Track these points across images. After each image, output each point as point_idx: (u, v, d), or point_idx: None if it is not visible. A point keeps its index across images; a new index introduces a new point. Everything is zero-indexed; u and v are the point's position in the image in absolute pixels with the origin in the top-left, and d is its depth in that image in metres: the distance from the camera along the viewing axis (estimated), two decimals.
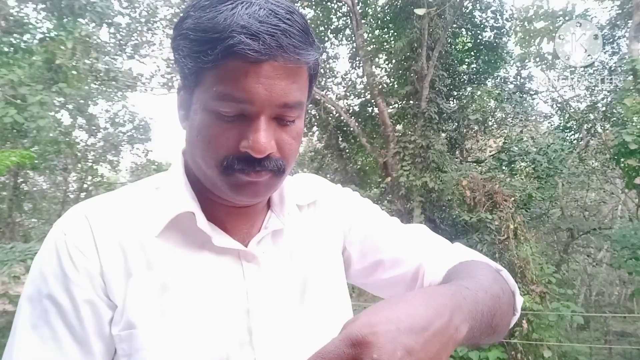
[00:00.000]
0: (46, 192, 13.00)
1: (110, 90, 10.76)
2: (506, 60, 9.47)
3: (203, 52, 0.54)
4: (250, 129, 0.57)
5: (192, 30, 0.56)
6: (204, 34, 0.54)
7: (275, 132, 0.59)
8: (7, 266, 6.20)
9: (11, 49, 8.13)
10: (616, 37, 9.66)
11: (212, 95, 0.56)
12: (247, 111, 0.56)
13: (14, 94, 7.08)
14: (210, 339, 0.59)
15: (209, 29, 0.54)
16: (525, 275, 6.02)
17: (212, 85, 0.56)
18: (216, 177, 0.60)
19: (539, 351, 5.61)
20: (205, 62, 0.55)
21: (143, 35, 10.54)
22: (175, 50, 0.59)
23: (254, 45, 0.53)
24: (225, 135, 0.57)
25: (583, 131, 9.23)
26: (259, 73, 0.55)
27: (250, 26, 0.53)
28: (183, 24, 0.58)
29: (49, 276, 0.59)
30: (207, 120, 0.58)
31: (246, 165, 0.58)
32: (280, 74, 0.56)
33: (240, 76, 0.54)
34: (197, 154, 0.61)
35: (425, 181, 6.94)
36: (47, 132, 7.81)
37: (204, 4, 0.57)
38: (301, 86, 0.59)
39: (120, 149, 12.91)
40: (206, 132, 0.58)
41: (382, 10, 8.85)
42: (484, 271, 0.65)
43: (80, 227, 0.61)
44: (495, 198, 6.58)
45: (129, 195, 0.67)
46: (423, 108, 7.52)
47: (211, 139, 0.58)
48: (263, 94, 0.55)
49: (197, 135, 0.59)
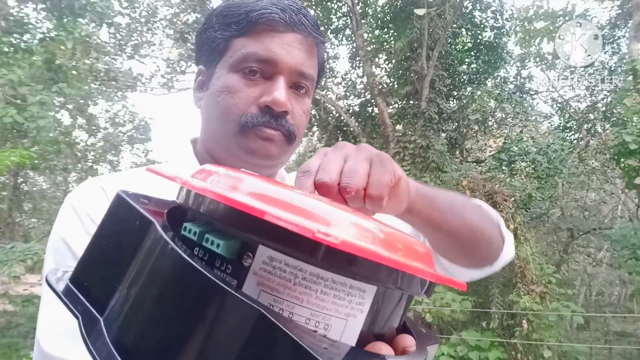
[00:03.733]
0: (46, 192, 13.00)
1: (110, 90, 10.77)
2: (506, 60, 9.46)
3: (235, 22, 0.64)
4: (272, 87, 0.64)
5: (225, 8, 0.66)
6: (238, 8, 0.65)
7: (290, 98, 0.66)
8: (7, 266, 6.21)
9: (11, 49, 8.13)
10: (616, 37, 9.65)
11: (239, 57, 0.64)
12: (269, 72, 0.64)
13: (14, 94, 7.08)
14: None
15: (243, 4, 0.65)
16: (525, 275, 6.01)
17: (240, 48, 0.64)
18: (233, 136, 0.65)
19: (539, 351, 5.61)
20: (237, 30, 0.64)
21: (143, 35, 10.54)
22: (205, 31, 0.68)
23: (283, 16, 0.63)
24: (247, 92, 0.64)
25: (583, 131, 9.23)
26: (283, 40, 0.64)
27: (278, 3, 0.64)
28: (216, 8, 0.68)
29: (71, 238, 0.60)
30: (231, 80, 0.65)
31: (264, 121, 0.64)
32: (300, 46, 0.65)
33: (267, 40, 0.64)
34: (215, 116, 0.66)
35: (425, 181, 6.94)
36: (47, 132, 7.81)
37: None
38: (314, 64, 0.69)
39: (120, 149, 12.92)
40: (229, 90, 0.65)
41: (382, 10, 8.85)
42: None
43: (96, 194, 0.64)
44: (495, 198, 6.57)
45: (140, 172, 0.71)
46: (423, 108, 7.52)
47: (233, 96, 0.64)
48: (285, 58, 0.64)
49: (219, 96, 0.65)
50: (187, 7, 9.68)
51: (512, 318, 5.91)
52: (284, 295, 0.27)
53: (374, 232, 0.28)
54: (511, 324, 5.96)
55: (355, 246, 0.25)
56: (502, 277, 6.37)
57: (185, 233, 0.30)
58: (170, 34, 10.13)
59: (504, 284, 6.33)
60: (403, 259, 0.27)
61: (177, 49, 10.02)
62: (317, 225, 0.25)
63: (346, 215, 0.29)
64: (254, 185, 0.30)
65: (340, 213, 0.28)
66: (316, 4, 8.96)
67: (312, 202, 0.29)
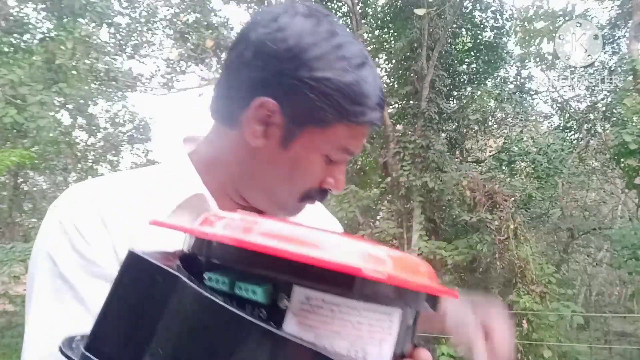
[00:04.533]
0: (46, 192, 12.99)
1: (110, 90, 10.77)
2: (506, 60, 9.46)
3: (353, 112, 0.62)
4: (337, 171, 0.67)
5: (347, 86, 0.61)
6: (355, 96, 0.61)
7: None
8: (7, 266, 6.21)
9: (11, 49, 8.14)
10: (616, 37, 9.65)
11: (336, 145, 0.64)
12: (343, 159, 0.67)
13: (14, 94, 7.08)
14: None
15: (359, 93, 0.61)
16: (525, 275, 6.02)
17: (341, 137, 0.63)
18: (287, 203, 0.68)
19: (539, 351, 5.61)
20: (346, 119, 0.62)
21: (143, 35, 10.54)
22: (313, 90, 0.61)
23: (380, 119, 0.65)
24: (320, 173, 0.66)
25: (583, 131, 9.23)
26: (365, 135, 0.67)
27: (380, 101, 0.64)
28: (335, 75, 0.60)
29: (58, 256, 0.58)
30: (314, 161, 0.64)
31: (319, 197, 0.69)
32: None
33: (359, 136, 0.65)
34: (280, 183, 0.66)
35: (425, 181, 6.94)
36: (47, 132, 7.81)
37: (349, 54, 0.61)
38: None
39: (120, 149, 12.91)
40: (308, 170, 0.65)
41: (382, 10, 8.85)
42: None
43: (85, 205, 0.61)
44: (495, 198, 6.58)
45: (132, 176, 0.68)
46: (423, 108, 7.52)
47: (309, 176, 0.65)
48: (359, 150, 0.68)
49: (297, 171, 0.65)
50: (187, 7, 9.68)
51: (512, 318, 5.92)
52: (324, 330, 0.28)
53: (404, 261, 0.31)
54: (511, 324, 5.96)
55: (399, 279, 0.28)
56: (502, 277, 6.38)
57: (211, 284, 0.30)
58: (170, 34, 10.13)
59: (504, 284, 6.34)
60: (429, 283, 0.30)
61: (177, 49, 10.03)
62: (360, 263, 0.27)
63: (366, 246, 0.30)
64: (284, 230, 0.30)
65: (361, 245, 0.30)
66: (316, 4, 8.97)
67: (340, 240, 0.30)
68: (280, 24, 0.61)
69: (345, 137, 0.63)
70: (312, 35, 0.61)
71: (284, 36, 0.60)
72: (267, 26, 0.61)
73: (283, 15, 0.62)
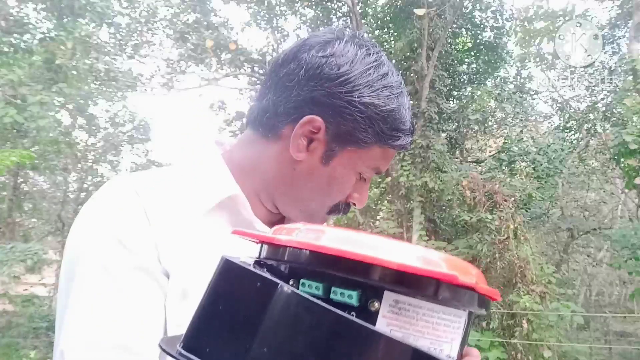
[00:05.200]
0: (46, 192, 12.99)
1: (110, 90, 10.76)
2: (506, 60, 9.47)
3: (390, 136, 0.68)
4: (363, 187, 0.73)
5: (390, 112, 0.67)
6: (398, 122, 0.68)
7: None
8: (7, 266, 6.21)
9: (11, 49, 8.14)
10: (616, 37, 9.66)
11: (370, 165, 0.70)
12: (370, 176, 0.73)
13: (14, 94, 7.09)
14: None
15: (397, 120, 0.68)
16: (525, 275, 6.02)
17: (375, 158, 0.70)
18: (315, 214, 0.73)
19: (539, 351, 5.62)
20: (383, 143, 0.68)
21: (143, 35, 10.54)
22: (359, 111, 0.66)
23: (410, 143, 0.72)
24: (350, 189, 0.71)
25: (583, 131, 9.23)
26: (393, 156, 0.74)
27: (412, 125, 0.71)
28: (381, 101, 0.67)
29: (100, 247, 0.59)
30: (349, 178, 0.70)
31: (344, 210, 0.73)
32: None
33: (389, 158, 0.72)
34: (315, 195, 0.71)
35: (425, 181, 6.94)
36: (47, 132, 7.82)
37: (390, 86, 0.68)
38: None
39: (120, 149, 12.92)
40: (342, 186, 0.70)
41: (382, 10, 8.85)
42: None
43: (129, 198, 0.62)
44: (495, 198, 6.58)
45: (171, 173, 0.70)
46: (423, 108, 7.52)
47: (341, 191, 0.71)
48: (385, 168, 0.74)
49: (332, 186, 0.70)
50: (187, 7, 9.68)
51: (512, 318, 5.92)
52: (410, 330, 0.32)
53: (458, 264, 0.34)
54: (511, 324, 5.96)
55: (483, 288, 0.32)
56: (502, 277, 6.38)
57: (304, 289, 0.33)
58: (170, 34, 10.14)
59: (504, 284, 6.33)
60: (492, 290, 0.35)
61: (177, 49, 10.03)
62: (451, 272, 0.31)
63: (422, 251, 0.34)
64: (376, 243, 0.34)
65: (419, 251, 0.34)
66: (316, 4, 8.97)
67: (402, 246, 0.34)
68: (334, 50, 0.66)
69: (379, 158, 0.70)
70: (362, 64, 0.67)
71: (337, 62, 0.66)
72: (320, 50, 0.66)
73: (336, 42, 0.67)
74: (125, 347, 0.56)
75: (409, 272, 0.30)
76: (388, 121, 0.67)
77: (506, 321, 6.04)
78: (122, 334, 0.56)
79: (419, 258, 0.32)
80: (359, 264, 0.31)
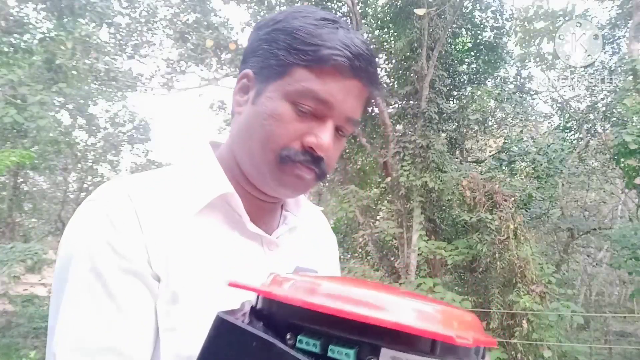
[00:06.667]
0: (46, 192, 13.00)
1: (110, 90, 10.77)
2: (506, 60, 9.46)
3: (303, 51, 0.62)
4: (320, 128, 0.64)
5: (296, 30, 0.64)
6: (310, 37, 0.63)
7: (332, 141, 0.66)
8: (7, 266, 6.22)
9: (11, 49, 8.14)
10: (616, 37, 9.66)
11: (297, 88, 0.63)
12: (321, 112, 0.64)
13: (14, 94, 7.09)
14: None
15: (315, 35, 0.63)
16: (525, 275, 6.02)
17: (300, 80, 0.63)
18: (268, 164, 0.65)
19: (539, 351, 5.61)
20: (303, 60, 0.62)
21: (143, 35, 10.54)
22: (267, 42, 0.66)
23: (351, 62, 0.62)
24: (294, 126, 0.64)
25: (583, 131, 9.23)
26: (344, 85, 0.64)
27: (351, 47, 0.63)
28: (286, 23, 0.65)
29: (92, 250, 0.59)
30: (281, 109, 0.64)
31: (304, 160, 0.64)
32: (357, 93, 0.66)
33: (329, 82, 0.63)
34: (255, 138, 0.66)
35: (425, 181, 6.93)
36: (47, 132, 7.82)
37: (308, 15, 0.65)
38: (362, 109, 0.69)
39: (120, 149, 12.92)
40: (277, 118, 0.64)
41: (382, 10, 8.84)
42: None
43: (121, 202, 0.62)
44: (495, 198, 6.57)
45: (164, 175, 0.69)
46: (423, 108, 7.51)
47: (279, 126, 0.64)
48: (340, 103, 0.64)
49: (265, 120, 0.64)
50: (187, 7, 9.68)
51: (512, 318, 5.92)
52: None
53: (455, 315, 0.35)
54: (511, 324, 5.96)
55: (480, 340, 0.33)
56: (502, 277, 6.37)
57: (301, 345, 0.33)
58: (170, 34, 10.13)
59: (504, 284, 6.33)
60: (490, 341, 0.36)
61: (177, 49, 10.03)
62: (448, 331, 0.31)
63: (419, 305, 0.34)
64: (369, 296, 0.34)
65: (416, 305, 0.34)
66: (316, 4, 8.97)
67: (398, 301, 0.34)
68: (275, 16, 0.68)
69: (307, 79, 0.63)
70: (296, 16, 0.66)
71: (269, 18, 0.68)
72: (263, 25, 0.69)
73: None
74: (115, 349, 0.57)
75: (410, 333, 0.30)
76: (297, 37, 0.63)
77: (506, 321, 6.03)
78: (112, 337, 0.57)
79: (414, 313, 0.32)
80: (355, 323, 0.31)
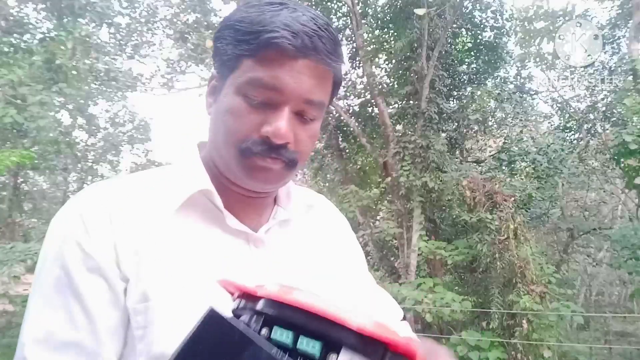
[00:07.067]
0: (46, 192, 13.00)
1: (110, 90, 10.77)
2: (506, 60, 9.45)
3: (245, 41, 0.61)
4: (273, 116, 0.62)
5: (238, 22, 0.63)
6: (250, 25, 0.61)
7: (294, 126, 0.64)
8: (7, 266, 6.21)
9: (11, 49, 8.14)
10: (616, 37, 9.65)
11: (245, 80, 0.62)
12: (273, 100, 0.62)
13: (14, 94, 7.08)
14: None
15: (255, 22, 0.61)
16: (525, 275, 6.02)
17: (247, 71, 0.62)
18: (233, 159, 0.65)
19: (539, 351, 5.62)
20: (246, 50, 0.61)
21: (143, 35, 10.54)
22: (218, 39, 0.66)
23: (293, 41, 0.60)
24: (249, 118, 0.63)
25: (583, 131, 9.22)
26: (292, 67, 0.61)
27: (292, 25, 0.60)
28: (231, 17, 0.65)
29: (62, 247, 0.61)
30: (234, 103, 0.63)
31: (264, 150, 0.63)
32: (310, 73, 0.62)
33: (274, 66, 0.61)
34: (219, 135, 0.66)
35: (425, 181, 6.93)
36: (47, 132, 7.82)
37: (253, 4, 0.64)
38: (325, 89, 0.66)
39: (120, 149, 12.93)
40: (232, 113, 0.63)
41: (382, 10, 8.84)
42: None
43: (96, 203, 0.63)
44: (495, 198, 6.58)
45: (145, 176, 0.70)
46: (423, 108, 7.51)
47: (235, 120, 0.63)
48: (292, 86, 0.61)
49: (223, 116, 0.64)
50: (187, 7, 9.67)
51: (512, 318, 5.92)
52: None
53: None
54: (511, 324, 5.96)
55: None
56: (502, 277, 6.37)
57: (277, 336, 0.37)
58: (170, 34, 10.13)
59: (504, 284, 6.33)
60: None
61: (177, 49, 10.03)
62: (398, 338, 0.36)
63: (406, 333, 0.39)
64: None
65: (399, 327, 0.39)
66: (316, 4, 8.96)
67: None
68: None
69: (251, 69, 0.62)
70: (240, 8, 0.65)
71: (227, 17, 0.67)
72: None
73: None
74: (78, 345, 0.59)
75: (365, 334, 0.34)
76: (239, 28, 0.62)
77: (506, 321, 6.03)
78: (75, 332, 0.59)
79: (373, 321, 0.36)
80: (324, 319, 0.35)
